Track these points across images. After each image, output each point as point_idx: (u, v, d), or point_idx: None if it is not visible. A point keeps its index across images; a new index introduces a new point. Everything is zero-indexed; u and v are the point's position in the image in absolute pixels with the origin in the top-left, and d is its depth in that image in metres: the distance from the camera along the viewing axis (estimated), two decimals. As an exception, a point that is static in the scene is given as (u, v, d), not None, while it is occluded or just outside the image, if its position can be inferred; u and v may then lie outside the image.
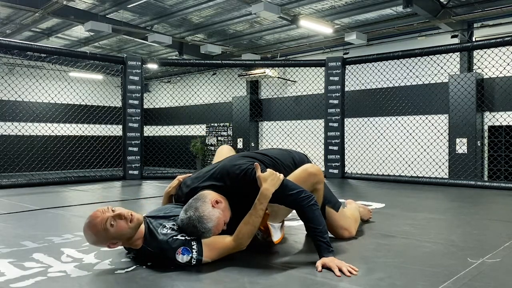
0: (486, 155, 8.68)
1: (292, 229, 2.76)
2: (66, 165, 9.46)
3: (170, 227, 1.97)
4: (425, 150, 7.52)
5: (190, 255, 1.87)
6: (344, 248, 2.30)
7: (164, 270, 1.89)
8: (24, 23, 9.88)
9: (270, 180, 1.99)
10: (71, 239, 2.47)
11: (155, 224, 1.98)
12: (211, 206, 1.95)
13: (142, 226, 1.93)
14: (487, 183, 5.56)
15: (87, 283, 1.73)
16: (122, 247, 2.07)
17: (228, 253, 1.97)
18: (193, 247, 1.89)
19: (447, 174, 8.00)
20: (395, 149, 7.12)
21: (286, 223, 2.85)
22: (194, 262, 1.88)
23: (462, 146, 8.65)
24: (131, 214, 1.88)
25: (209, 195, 2.01)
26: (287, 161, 2.38)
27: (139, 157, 6.37)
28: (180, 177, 2.35)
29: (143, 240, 1.92)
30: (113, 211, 1.86)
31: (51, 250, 2.22)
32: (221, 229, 1.98)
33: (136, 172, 6.34)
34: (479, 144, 8.65)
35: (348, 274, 1.83)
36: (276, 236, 2.27)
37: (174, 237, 1.90)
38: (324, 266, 1.90)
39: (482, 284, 1.73)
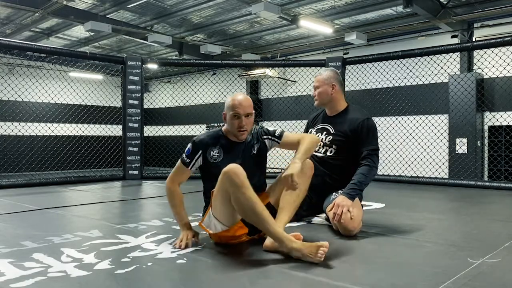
0: (486, 155, 8.68)
1: (292, 229, 2.76)
2: (66, 165, 9.44)
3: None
4: (425, 150, 7.50)
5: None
6: (344, 248, 2.30)
7: (164, 270, 1.89)
8: (24, 23, 9.88)
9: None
10: (71, 239, 2.47)
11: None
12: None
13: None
14: (487, 183, 5.56)
15: (87, 283, 1.73)
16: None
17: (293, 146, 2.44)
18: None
19: (447, 174, 7.99)
20: (395, 149, 7.11)
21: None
22: (278, 134, 2.49)
23: (462, 146, 8.64)
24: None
25: None
26: None
27: (139, 157, 6.37)
28: None
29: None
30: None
31: (51, 250, 2.22)
32: None
33: (136, 172, 6.34)
34: (479, 144, 8.64)
35: (337, 218, 2.44)
36: None
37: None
38: (334, 207, 2.48)
39: (482, 284, 1.73)
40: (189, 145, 2.38)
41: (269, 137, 2.47)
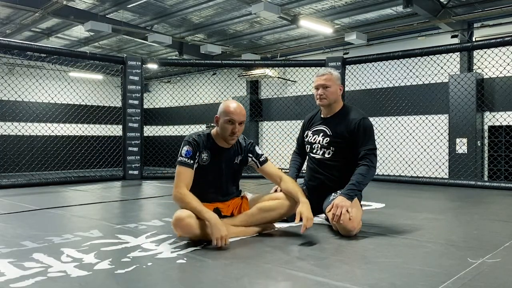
0: (486, 155, 8.68)
1: (293, 229, 2.76)
2: (66, 165, 9.44)
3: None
4: (425, 150, 7.51)
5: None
6: (344, 248, 2.30)
7: (163, 270, 1.89)
8: (24, 23, 9.87)
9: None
10: (71, 239, 2.47)
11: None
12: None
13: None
14: (487, 183, 5.56)
15: (87, 283, 1.73)
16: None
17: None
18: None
19: (447, 174, 7.99)
20: (395, 149, 7.11)
21: (285, 224, 2.86)
22: (261, 160, 2.63)
23: (462, 146, 8.64)
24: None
25: None
26: None
27: (139, 157, 6.37)
28: None
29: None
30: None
31: (51, 250, 2.22)
32: None
33: (136, 172, 6.34)
34: (479, 144, 8.64)
35: (336, 218, 2.45)
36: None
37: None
38: (333, 208, 2.50)
39: (482, 284, 1.73)
40: (187, 147, 2.41)
41: (253, 158, 2.63)
